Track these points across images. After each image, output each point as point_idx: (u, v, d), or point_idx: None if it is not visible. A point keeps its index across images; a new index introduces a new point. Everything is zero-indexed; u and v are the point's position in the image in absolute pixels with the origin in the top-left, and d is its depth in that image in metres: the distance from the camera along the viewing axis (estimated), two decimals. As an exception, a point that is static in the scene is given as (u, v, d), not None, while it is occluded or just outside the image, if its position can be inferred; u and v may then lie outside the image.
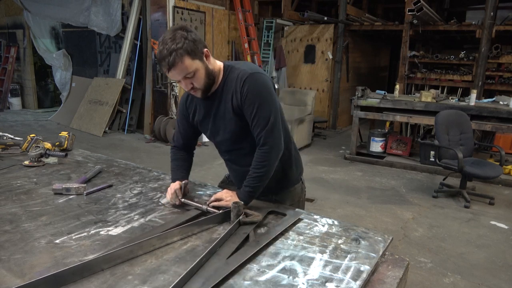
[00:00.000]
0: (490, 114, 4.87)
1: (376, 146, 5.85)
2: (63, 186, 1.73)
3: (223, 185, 1.98)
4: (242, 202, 1.49)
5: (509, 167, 5.03)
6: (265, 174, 1.54)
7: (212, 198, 1.58)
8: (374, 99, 5.53)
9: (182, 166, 1.79)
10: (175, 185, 1.64)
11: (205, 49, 1.47)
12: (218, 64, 1.56)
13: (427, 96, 5.32)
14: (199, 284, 1.07)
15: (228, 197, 1.57)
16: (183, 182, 1.68)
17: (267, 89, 1.51)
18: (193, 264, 1.12)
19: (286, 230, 1.45)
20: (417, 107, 5.26)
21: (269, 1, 8.36)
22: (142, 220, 1.50)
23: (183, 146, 1.82)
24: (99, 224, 1.45)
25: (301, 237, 1.41)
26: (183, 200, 1.63)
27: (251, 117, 1.51)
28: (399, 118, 5.52)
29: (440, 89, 7.04)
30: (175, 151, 1.83)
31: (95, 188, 1.79)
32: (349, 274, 1.17)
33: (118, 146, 6.31)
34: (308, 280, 1.14)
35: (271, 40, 7.94)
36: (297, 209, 1.64)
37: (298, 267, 1.20)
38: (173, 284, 1.04)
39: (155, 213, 1.58)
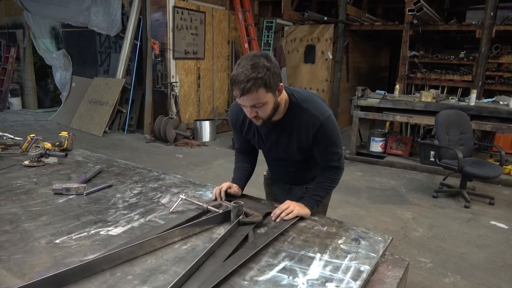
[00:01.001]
0: (490, 114, 4.87)
1: (376, 146, 5.85)
2: (63, 186, 1.73)
3: (266, 183, 2.09)
4: (242, 203, 1.50)
5: (509, 167, 5.03)
6: (332, 188, 1.76)
7: (278, 210, 1.56)
8: (374, 99, 5.53)
9: (243, 168, 1.86)
10: (226, 184, 1.73)
11: (281, 84, 1.48)
12: (284, 96, 1.57)
13: (427, 96, 5.32)
14: (195, 287, 1.07)
15: (296, 206, 1.58)
16: (234, 188, 1.74)
17: (338, 134, 1.64)
18: (191, 265, 1.12)
19: (286, 230, 1.45)
20: (417, 107, 5.26)
21: (269, 1, 8.35)
22: (142, 220, 1.50)
23: (245, 149, 1.88)
24: (99, 224, 1.45)
25: (301, 237, 1.41)
26: (184, 198, 1.64)
27: (322, 155, 1.67)
28: (399, 118, 5.52)
29: (440, 89, 7.04)
30: (238, 153, 1.91)
31: (95, 188, 1.79)
32: (349, 274, 1.17)
33: (118, 146, 6.31)
34: (308, 280, 1.14)
35: (271, 40, 7.94)
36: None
37: (298, 267, 1.20)
38: (171, 284, 1.04)
39: (155, 213, 1.58)
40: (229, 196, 1.72)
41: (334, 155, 1.67)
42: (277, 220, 1.52)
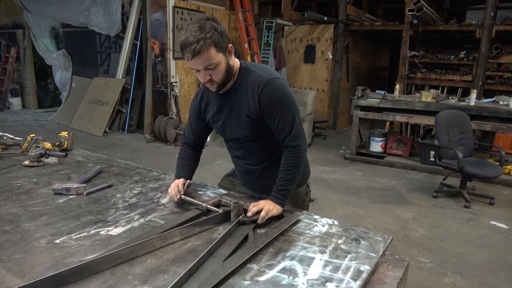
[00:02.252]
0: (490, 114, 4.87)
1: (376, 146, 5.85)
2: (63, 186, 1.73)
3: (230, 178, 2.00)
4: (242, 202, 1.49)
5: (509, 167, 5.03)
6: (297, 175, 1.58)
7: (255, 209, 1.48)
8: (374, 99, 5.53)
9: (187, 165, 1.79)
10: (179, 180, 1.66)
11: (230, 45, 1.48)
12: (236, 62, 1.57)
13: (427, 96, 5.32)
14: (195, 287, 1.06)
15: (270, 206, 1.50)
16: (187, 181, 1.70)
17: (286, 95, 1.53)
18: (191, 265, 1.12)
19: (286, 230, 1.45)
20: (417, 107, 5.26)
21: (269, 1, 8.35)
22: (142, 220, 1.50)
23: (193, 142, 1.83)
24: (99, 224, 1.45)
25: (301, 237, 1.41)
26: (183, 197, 1.63)
27: (275, 124, 1.54)
28: (399, 118, 5.52)
29: (440, 89, 7.04)
30: (185, 148, 1.84)
31: (95, 188, 1.79)
32: (349, 274, 1.17)
33: (118, 146, 6.31)
34: (308, 280, 1.14)
35: (271, 40, 7.94)
36: (295, 211, 1.64)
37: (298, 267, 1.20)
38: (171, 284, 1.04)
39: (155, 213, 1.58)
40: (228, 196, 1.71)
41: (289, 127, 1.52)
42: (259, 221, 1.45)
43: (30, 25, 8.60)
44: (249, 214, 1.46)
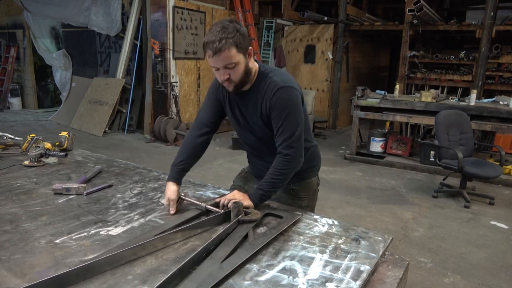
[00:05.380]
0: (490, 114, 4.87)
1: (376, 146, 5.85)
2: (63, 186, 1.73)
3: (240, 177, 2.01)
4: (242, 203, 1.50)
5: (509, 167, 5.03)
6: (281, 182, 1.59)
7: (222, 199, 1.57)
8: (374, 99, 5.53)
9: (186, 160, 1.71)
10: (171, 194, 1.59)
11: (250, 47, 1.52)
12: (255, 65, 1.60)
13: (427, 96, 5.32)
14: (192, 289, 1.06)
15: (240, 197, 1.57)
16: (181, 195, 1.64)
17: (294, 104, 1.57)
18: (183, 262, 1.12)
19: (286, 231, 1.45)
20: (417, 107, 5.26)
21: (269, 1, 8.35)
22: (142, 220, 1.50)
23: (204, 124, 1.74)
24: (99, 224, 1.45)
25: (301, 237, 1.41)
26: (183, 196, 1.64)
27: (276, 127, 1.58)
28: (399, 118, 5.52)
29: (440, 89, 7.04)
30: (193, 129, 1.76)
31: (95, 188, 1.79)
32: (349, 274, 1.17)
33: (118, 146, 6.31)
34: (308, 280, 1.14)
35: (271, 40, 7.94)
36: (295, 211, 1.64)
37: (298, 267, 1.20)
38: (162, 281, 1.04)
39: (155, 213, 1.58)
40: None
41: (286, 131, 1.54)
42: (224, 209, 1.52)
43: (30, 25, 8.60)
44: (221, 208, 1.53)
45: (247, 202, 1.55)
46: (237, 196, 1.58)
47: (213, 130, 1.78)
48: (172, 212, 1.58)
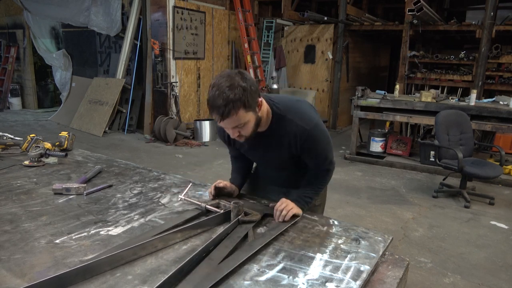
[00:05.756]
0: (490, 114, 4.87)
1: (376, 146, 5.85)
2: (63, 186, 1.73)
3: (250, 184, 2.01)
4: (242, 203, 1.50)
5: (509, 167, 5.03)
6: (321, 190, 1.77)
7: (278, 212, 1.55)
8: (374, 99, 5.53)
9: (240, 168, 1.87)
10: (225, 183, 1.75)
11: (260, 99, 1.44)
12: (267, 110, 1.52)
13: (427, 96, 5.32)
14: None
15: (291, 204, 1.57)
16: (234, 190, 1.78)
17: (325, 142, 1.62)
18: (183, 263, 1.12)
19: (286, 230, 1.45)
20: (417, 107, 5.26)
21: (269, 1, 8.35)
22: (142, 220, 1.50)
23: (240, 155, 1.83)
24: (99, 224, 1.45)
25: (301, 237, 1.41)
26: (183, 198, 1.64)
27: (310, 162, 1.66)
28: (399, 118, 5.52)
29: (440, 89, 7.03)
30: (233, 159, 1.90)
31: (95, 188, 1.79)
32: (349, 274, 1.17)
33: (118, 146, 6.31)
34: (308, 280, 1.14)
35: (271, 40, 7.94)
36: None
37: (298, 267, 1.20)
38: (164, 278, 1.04)
39: (155, 213, 1.58)
40: (227, 196, 1.73)
41: (324, 161, 1.66)
42: (279, 220, 1.52)
43: (30, 25, 8.60)
44: (277, 220, 1.54)
45: (298, 210, 1.58)
46: (289, 204, 1.57)
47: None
48: (210, 195, 1.70)
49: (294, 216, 1.55)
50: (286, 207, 1.55)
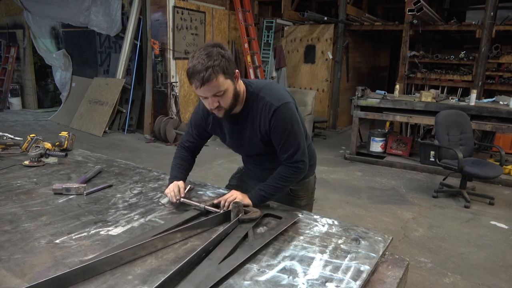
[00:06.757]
0: (490, 114, 4.87)
1: (376, 146, 5.85)
2: (63, 186, 1.73)
3: (236, 176, 2.03)
4: (242, 203, 1.50)
5: (509, 167, 5.03)
6: (284, 188, 1.63)
7: (222, 200, 1.57)
8: (374, 99, 5.53)
9: (183, 166, 1.80)
10: (180, 182, 1.67)
11: (237, 71, 1.48)
12: (242, 86, 1.56)
13: (427, 96, 5.32)
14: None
15: (239, 196, 1.57)
16: (189, 185, 1.74)
17: (293, 120, 1.56)
18: (185, 261, 1.12)
19: (285, 231, 1.45)
20: (417, 107, 5.26)
21: (269, 1, 8.36)
22: (142, 220, 1.50)
23: (191, 146, 1.84)
24: (99, 224, 1.45)
25: (301, 237, 1.41)
26: (182, 199, 1.63)
27: (279, 145, 1.58)
28: (399, 118, 5.52)
29: (440, 89, 7.04)
30: (180, 149, 1.85)
31: (95, 188, 1.79)
32: (349, 274, 1.17)
33: (118, 146, 6.31)
34: (308, 280, 1.14)
35: (271, 40, 7.94)
36: (294, 211, 1.64)
37: (298, 267, 1.20)
38: (164, 278, 1.04)
39: (155, 213, 1.58)
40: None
41: (289, 147, 1.57)
42: (224, 209, 1.52)
43: (30, 25, 8.60)
44: (221, 208, 1.53)
45: (246, 200, 1.56)
46: (235, 195, 1.58)
47: (202, 147, 1.90)
48: (177, 197, 1.59)
49: (249, 208, 1.52)
50: (230, 197, 1.55)
